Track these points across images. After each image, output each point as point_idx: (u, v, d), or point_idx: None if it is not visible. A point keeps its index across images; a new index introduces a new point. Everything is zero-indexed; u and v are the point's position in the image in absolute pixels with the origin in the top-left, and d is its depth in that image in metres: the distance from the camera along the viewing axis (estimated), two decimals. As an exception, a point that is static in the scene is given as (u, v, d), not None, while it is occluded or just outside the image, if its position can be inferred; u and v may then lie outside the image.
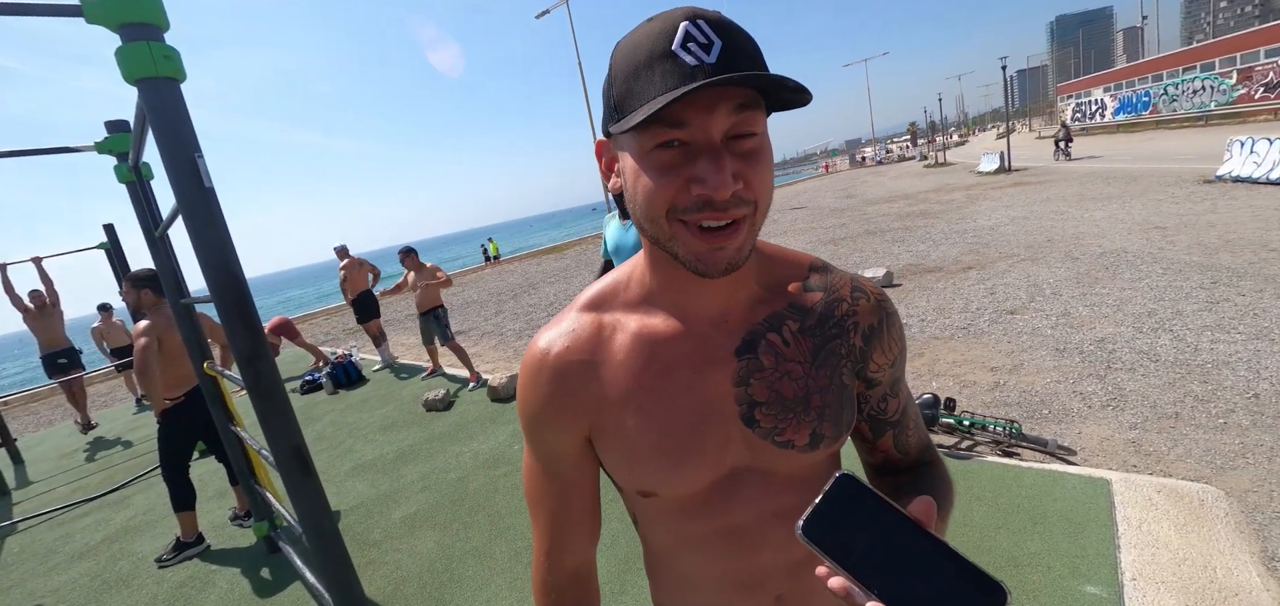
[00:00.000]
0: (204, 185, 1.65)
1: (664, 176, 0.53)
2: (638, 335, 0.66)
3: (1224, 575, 2.03)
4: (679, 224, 0.54)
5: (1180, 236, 7.09)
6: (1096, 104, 37.84)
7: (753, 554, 0.68)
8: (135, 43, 1.55)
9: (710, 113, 0.50)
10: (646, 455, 0.65)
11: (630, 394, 0.65)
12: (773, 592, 0.70)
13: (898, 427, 0.72)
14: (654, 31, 0.52)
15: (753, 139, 0.53)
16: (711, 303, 0.64)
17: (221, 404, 3.09)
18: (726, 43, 0.50)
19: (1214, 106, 26.61)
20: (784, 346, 0.65)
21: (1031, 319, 5.19)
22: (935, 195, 16.58)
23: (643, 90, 0.51)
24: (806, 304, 0.67)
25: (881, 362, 0.69)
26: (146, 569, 3.54)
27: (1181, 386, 3.57)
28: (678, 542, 0.71)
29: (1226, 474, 2.73)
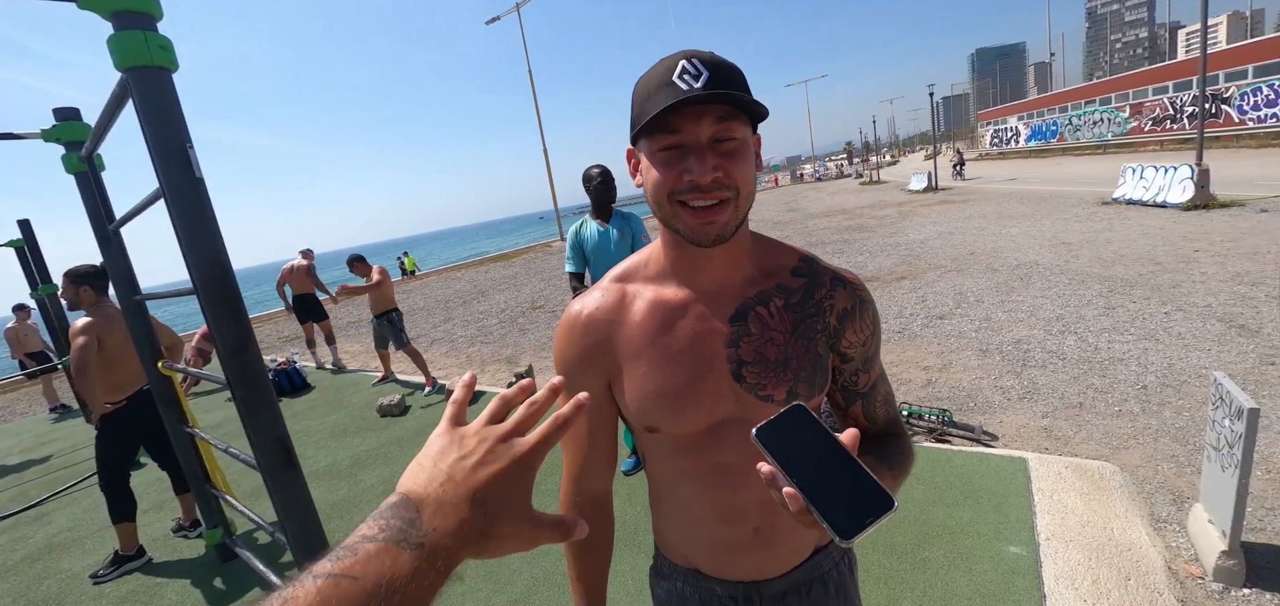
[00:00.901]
0: (195, 175, 1.67)
1: (666, 169, 0.71)
2: (652, 302, 0.83)
3: (1119, 534, 2.37)
4: (678, 204, 0.72)
5: (1083, 251, 7.90)
6: (1012, 130, 41.10)
7: (736, 490, 0.84)
8: (129, 31, 1.56)
9: (697, 122, 0.69)
10: (653, 396, 0.81)
11: (643, 348, 0.82)
12: (752, 524, 0.86)
13: (866, 399, 0.88)
14: (662, 68, 0.70)
15: (732, 142, 0.71)
16: (711, 278, 0.82)
17: (174, 405, 2.98)
18: (712, 74, 0.68)
19: (1111, 136, 29.50)
20: (769, 318, 0.81)
21: (958, 323, 5.68)
22: (870, 211, 17.57)
23: (651, 108, 0.69)
24: (792, 286, 0.84)
25: (853, 340, 0.85)
26: (79, 586, 3.33)
27: (1084, 380, 4.04)
28: (676, 475, 0.87)
29: (1121, 452, 3.14)
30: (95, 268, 3.25)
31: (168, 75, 1.65)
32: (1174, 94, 25.14)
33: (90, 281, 3.22)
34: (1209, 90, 21.72)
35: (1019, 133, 39.86)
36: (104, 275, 3.23)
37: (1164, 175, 10.93)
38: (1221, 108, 22.05)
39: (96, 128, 2.23)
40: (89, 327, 3.13)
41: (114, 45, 1.57)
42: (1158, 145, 25.46)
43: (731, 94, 0.67)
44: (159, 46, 1.60)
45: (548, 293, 12.05)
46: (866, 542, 2.47)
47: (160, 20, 1.64)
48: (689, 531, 0.91)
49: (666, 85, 0.69)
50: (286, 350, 9.66)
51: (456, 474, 0.46)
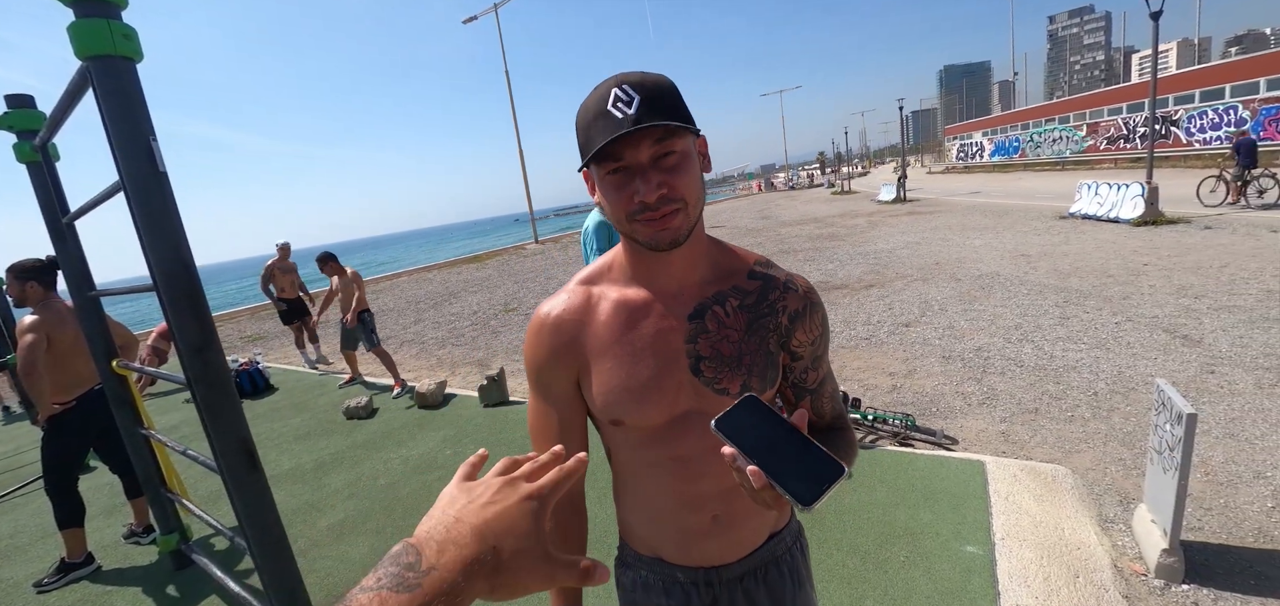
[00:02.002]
0: (158, 168, 1.63)
1: (617, 192, 0.76)
2: (617, 302, 0.88)
3: (1070, 534, 2.48)
4: (635, 222, 0.76)
5: (1041, 263, 8.21)
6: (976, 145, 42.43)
7: (696, 480, 0.89)
8: (92, 19, 1.52)
9: (636, 148, 0.73)
10: (618, 390, 0.85)
11: (608, 345, 0.86)
12: (711, 512, 0.91)
13: (815, 395, 0.95)
14: (595, 98, 0.74)
15: (672, 156, 0.75)
16: (671, 279, 0.87)
17: (129, 405, 2.88)
18: (643, 97, 0.72)
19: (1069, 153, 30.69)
20: (725, 316, 0.87)
21: (923, 331, 5.84)
22: (841, 220, 17.94)
23: (592, 139, 0.74)
24: (747, 288, 0.89)
25: (803, 340, 0.91)
26: (23, 594, 3.18)
27: (1040, 387, 4.20)
28: (639, 466, 0.92)
29: (1072, 455, 3.28)
30: (41, 262, 3.12)
31: (131, 65, 1.60)
32: (1127, 115, 26.31)
33: (37, 277, 3.09)
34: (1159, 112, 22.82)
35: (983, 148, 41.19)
36: (52, 270, 3.10)
37: (1117, 192, 11.44)
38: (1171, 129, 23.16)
39: (52, 116, 2.15)
40: (37, 325, 3.01)
41: (75, 33, 1.53)
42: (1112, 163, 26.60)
43: (661, 125, 0.71)
44: (123, 35, 1.56)
45: (521, 295, 11.96)
46: (830, 542, 2.53)
47: (125, 9, 1.60)
48: (652, 521, 0.95)
49: (602, 115, 0.73)
50: (249, 350, 9.39)
51: (465, 514, 0.47)
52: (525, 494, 0.50)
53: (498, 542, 0.46)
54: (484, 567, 0.45)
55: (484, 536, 0.46)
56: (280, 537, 2.02)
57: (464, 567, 0.44)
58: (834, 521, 2.68)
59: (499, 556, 0.46)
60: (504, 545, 0.47)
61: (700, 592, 0.96)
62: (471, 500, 0.49)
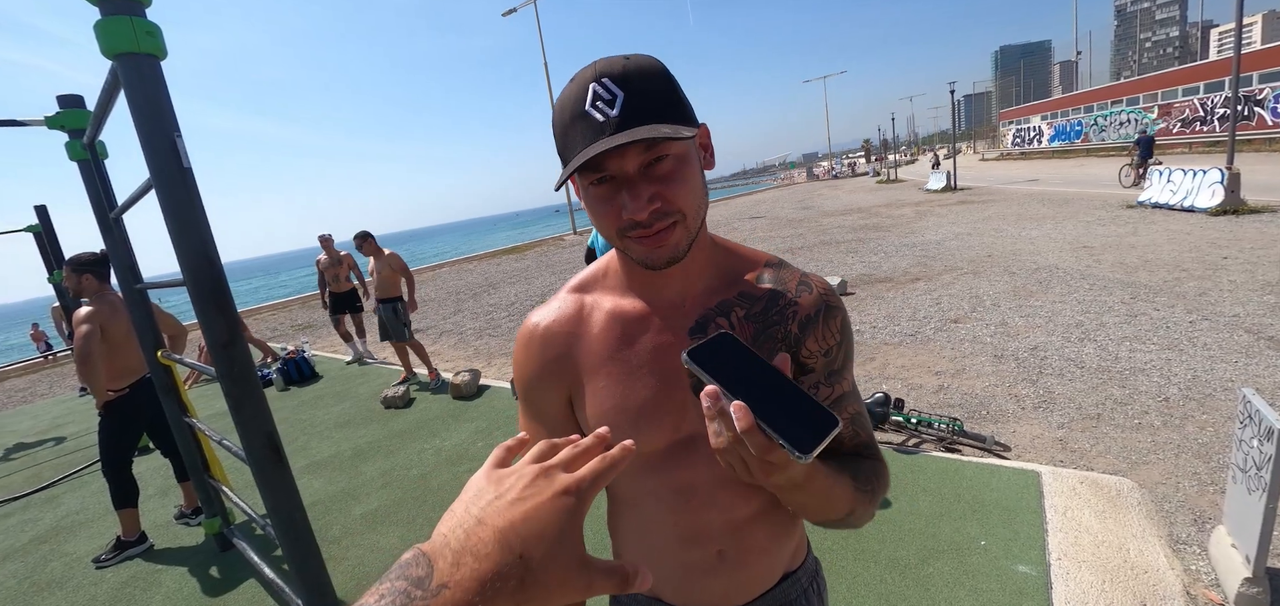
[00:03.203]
0: (182, 165, 1.64)
1: (603, 206, 0.66)
2: (611, 314, 0.79)
3: (1136, 555, 2.26)
4: (627, 239, 0.67)
5: (1105, 255, 7.68)
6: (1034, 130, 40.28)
7: (700, 511, 0.79)
8: (116, 16, 1.53)
9: (621, 157, 0.62)
10: (611, 413, 0.76)
11: (602, 361, 0.77)
12: (715, 547, 0.81)
13: None
14: (572, 95, 0.63)
15: (665, 162, 0.64)
16: (671, 289, 0.77)
17: (174, 394, 2.99)
18: (628, 93, 0.61)
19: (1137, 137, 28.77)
20: (730, 329, 0.76)
21: (973, 327, 5.54)
22: (886, 210, 17.31)
23: (570, 145, 0.63)
24: (756, 294, 0.78)
25: (814, 350, 0.78)
26: (82, 569, 3.37)
27: (1103, 391, 3.90)
28: (637, 495, 0.83)
29: (1140, 468, 3.02)
30: (96, 255, 3.26)
31: (155, 62, 1.61)
32: (1205, 95, 24.41)
33: (92, 269, 3.23)
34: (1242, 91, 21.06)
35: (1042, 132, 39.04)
36: (105, 263, 3.24)
37: (1192, 178, 10.60)
38: (1254, 110, 21.36)
39: (94, 115, 2.22)
40: (92, 316, 3.14)
41: (101, 31, 1.54)
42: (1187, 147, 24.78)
43: (649, 135, 0.59)
44: (146, 33, 1.57)
45: (558, 286, 11.93)
46: (867, 554, 2.39)
47: (149, 6, 1.61)
48: (649, 554, 0.85)
49: (580, 116, 0.62)
50: (297, 338, 9.76)
51: (488, 515, 0.41)
52: (561, 487, 0.43)
53: (526, 549, 0.40)
54: (508, 582, 0.38)
55: (509, 543, 0.39)
56: (305, 528, 2.04)
57: (482, 584, 0.37)
58: (872, 531, 2.53)
59: (527, 565, 0.39)
60: (533, 552, 0.40)
61: None
62: (499, 495, 0.43)
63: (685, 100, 0.68)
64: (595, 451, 0.48)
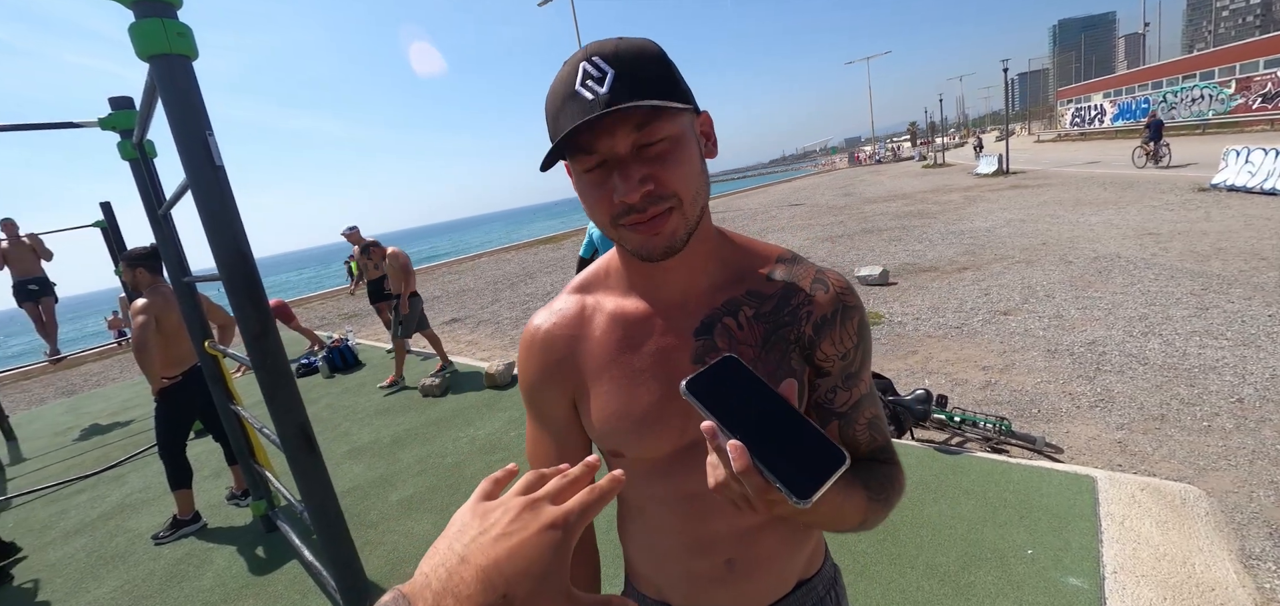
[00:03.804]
0: (214, 163, 1.67)
1: (596, 192, 0.63)
2: (613, 315, 0.75)
3: (1202, 571, 2.09)
4: (621, 227, 0.64)
5: (1173, 243, 7.17)
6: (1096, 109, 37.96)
7: (707, 519, 0.76)
8: (149, 19, 1.57)
9: (612, 135, 0.59)
10: (614, 419, 0.73)
11: (604, 365, 0.74)
12: (724, 556, 0.77)
13: (845, 420, 0.75)
14: (563, 77, 0.61)
15: (661, 144, 0.60)
16: (674, 287, 0.73)
17: (221, 383, 3.12)
18: (618, 71, 0.58)
19: (1212, 115, 26.75)
20: (737, 330, 0.71)
21: (1024, 320, 5.26)
22: (933, 196, 16.65)
23: (560, 128, 0.60)
24: (766, 292, 0.73)
25: (830, 353, 0.73)
26: (143, 545, 3.57)
27: (1168, 389, 3.64)
28: (643, 503, 0.80)
29: (1208, 475, 2.79)
30: (147, 250, 3.42)
31: (187, 63, 1.65)
32: (1291, 67, 22.48)
33: (144, 263, 3.39)
34: (1335, 62, 19.25)
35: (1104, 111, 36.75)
36: (157, 257, 3.39)
37: (1274, 159, 9.78)
38: (1349, 82, 19.53)
39: (139, 116, 2.30)
40: (147, 307, 3.30)
41: (135, 33, 1.58)
42: (1268, 125, 22.89)
43: (637, 105, 0.56)
44: (177, 34, 1.60)
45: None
46: (904, 559, 2.29)
47: (180, 7, 1.64)
48: (658, 562, 0.83)
49: (570, 97, 0.59)
50: (343, 327, 10.11)
51: (471, 553, 0.40)
52: (547, 521, 0.42)
53: (510, 588, 0.38)
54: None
55: (492, 582, 0.38)
56: (336, 514, 2.08)
57: None
58: (909, 535, 2.43)
59: (509, 604, 0.38)
60: (517, 590, 0.39)
61: None
62: (484, 530, 0.41)
63: (682, 82, 0.64)
64: (584, 482, 0.47)
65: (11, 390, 10.87)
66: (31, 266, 7.41)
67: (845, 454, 0.48)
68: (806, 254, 2.60)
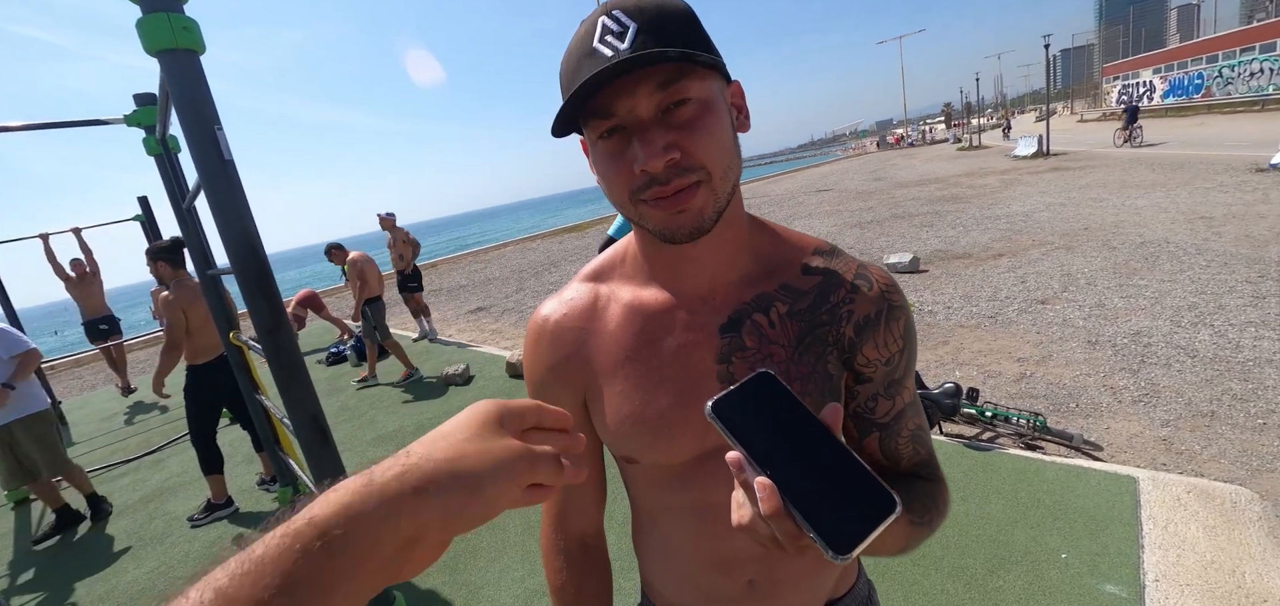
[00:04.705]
0: (223, 157, 1.68)
1: (613, 163, 0.56)
2: (630, 306, 0.68)
3: (1254, 580, 1.96)
4: (642, 204, 0.56)
5: (1227, 227, 6.76)
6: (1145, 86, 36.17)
7: (729, 535, 0.68)
8: (154, 14, 1.57)
9: (632, 95, 0.53)
10: (628, 421, 0.66)
11: (618, 362, 0.67)
12: (746, 576, 0.70)
13: (886, 432, 0.69)
14: (581, 33, 0.55)
15: (688, 105, 0.54)
16: (699, 278, 0.65)
17: (247, 372, 3.18)
18: (640, 24, 0.52)
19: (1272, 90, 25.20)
20: (769, 328, 0.64)
21: (1063, 309, 5.03)
22: (967, 179, 16.10)
23: (574, 88, 0.53)
24: (802, 287, 0.66)
25: (872, 358, 0.66)
26: (180, 528, 3.70)
27: (1219, 384, 3.42)
28: (659, 512, 0.74)
29: (1262, 476, 2.62)
30: (167, 243, 3.49)
31: (194, 57, 1.65)
32: (1363, 36, 20.99)
33: (164, 256, 3.46)
34: None
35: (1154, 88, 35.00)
36: (176, 250, 3.46)
37: (1343, 135, 9.14)
38: None
39: (159, 111, 2.34)
40: (174, 304, 3.36)
41: (142, 29, 1.59)
42: (1337, 99, 21.47)
43: (662, 55, 0.50)
44: (183, 28, 1.60)
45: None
46: (928, 560, 2.20)
47: (187, 2, 1.64)
48: (674, 577, 0.76)
49: (587, 56, 0.53)
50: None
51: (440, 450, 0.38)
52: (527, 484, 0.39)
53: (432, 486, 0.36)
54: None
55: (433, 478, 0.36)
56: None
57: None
58: (934, 536, 2.33)
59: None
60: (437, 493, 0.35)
61: None
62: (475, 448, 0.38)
63: (711, 42, 0.57)
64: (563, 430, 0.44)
65: (65, 376, 11.43)
66: (99, 303, 7.55)
67: (896, 500, 0.41)
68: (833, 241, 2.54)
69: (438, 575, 2.70)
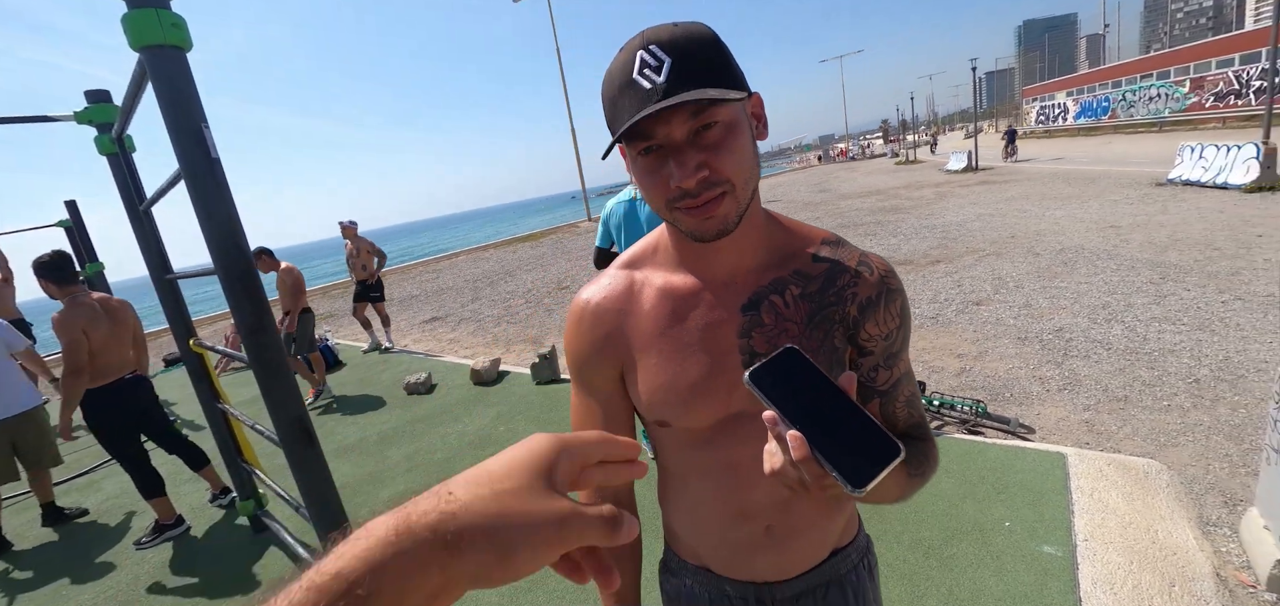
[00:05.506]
0: (210, 155, 1.67)
1: (652, 176, 0.66)
2: (662, 290, 0.78)
3: (1164, 537, 2.23)
4: (677, 210, 0.66)
5: (1133, 235, 7.49)
6: (1059, 107, 39.20)
7: (749, 488, 0.79)
8: (142, 9, 1.56)
9: (668, 123, 0.62)
10: (663, 390, 0.76)
11: (653, 338, 0.77)
12: (764, 523, 0.81)
13: (885, 398, 0.80)
14: (621, 63, 0.63)
15: (714, 129, 0.63)
16: (723, 266, 0.76)
17: (206, 380, 3.07)
18: (675, 59, 0.61)
19: (1168, 113, 27.87)
20: (784, 307, 0.75)
21: (995, 309, 5.45)
22: (906, 192, 17.03)
23: (618, 114, 0.63)
24: (812, 273, 0.77)
25: (873, 333, 0.77)
26: (125, 551, 3.49)
27: (1131, 372, 3.82)
28: (687, 470, 0.83)
29: (1168, 449, 2.96)
30: (49, 258, 3.11)
31: (181, 54, 1.64)
32: (1240, 67, 23.52)
33: (49, 275, 3.09)
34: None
35: (1067, 109, 38.00)
36: (59, 266, 3.10)
37: (1225, 154, 10.26)
38: (1293, 81, 20.55)
39: (122, 108, 2.27)
40: (70, 325, 3.00)
41: (128, 24, 1.57)
42: (1220, 123, 23.95)
43: (696, 98, 0.59)
44: (171, 25, 1.59)
45: (574, 273, 12.06)
46: (889, 535, 2.39)
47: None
48: (699, 528, 0.87)
49: (628, 85, 0.62)
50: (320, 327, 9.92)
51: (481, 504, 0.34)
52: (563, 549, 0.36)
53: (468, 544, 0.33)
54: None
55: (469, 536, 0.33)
56: (338, 510, 2.09)
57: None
58: (894, 512, 2.53)
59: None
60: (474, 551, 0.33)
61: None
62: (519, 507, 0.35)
63: (736, 67, 0.67)
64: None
65: None
66: (9, 308, 6.79)
67: (900, 446, 0.50)
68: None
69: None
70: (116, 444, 3.34)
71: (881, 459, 0.49)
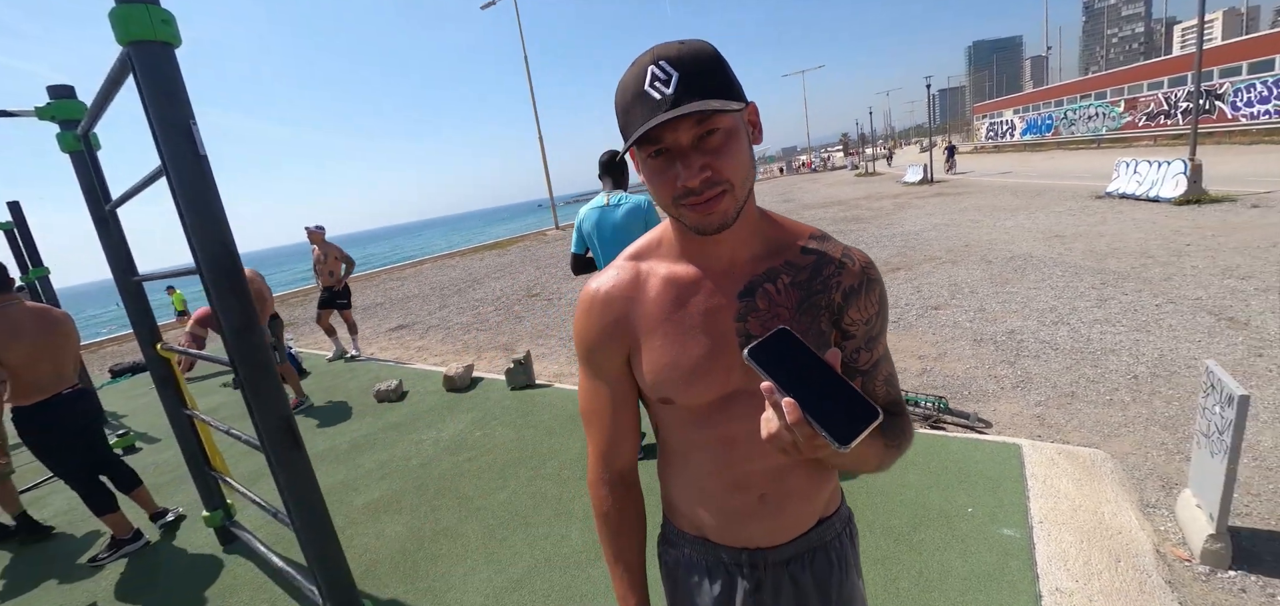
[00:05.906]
0: (198, 152, 1.66)
1: (660, 176, 0.74)
2: (666, 279, 0.86)
3: (1110, 518, 2.41)
4: (682, 207, 0.74)
5: (1076, 244, 7.96)
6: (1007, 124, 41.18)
7: (744, 460, 0.87)
8: (131, 4, 1.55)
9: (676, 130, 0.70)
10: (666, 369, 0.84)
11: (658, 322, 0.85)
12: (758, 491, 0.89)
13: (866, 377, 0.90)
14: (633, 76, 0.71)
15: (716, 135, 0.71)
16: (721, 257, 0.84)
17: (174, 387, 2.98)
18: (682, 73, 0.69)
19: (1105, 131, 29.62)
20: (776, 294, 0.84)
21: (953, 314, 5.72)
22: (866, 202, 17.62)
23: (631, 122, 0.71)
24: (801, 263, 0.86)
25: (856, 319, 0.87)
26: (80, 569, 3.32)
27: (1077, 370, 4.09)
28: (688, 446, 0.91)
29: (1111, 440, 3.19)
30: None
31: (170, 50, 1.63)
32: (1169, 89, 25.24)
33: None
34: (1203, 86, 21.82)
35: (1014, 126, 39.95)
36: None
37: (1157, 170, 11.01)
38: (1215, 104, 22.16)
39: (94, 104, 2.21)
40: None
41: (116, 18, 1.56)
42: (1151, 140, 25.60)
43: (700, 108, 0.67)
44: (161, 20, 1.59)
45: (543, 280, 12.03)
46: (862, 523, 2.51)
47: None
48: (698, 499, 0.94)
49: (640, 96, 0.70)
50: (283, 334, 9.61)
51: None
52: None
53: None
54: None
55: None
56: (323, 513, 2.08)
57: None
58: (865, 502, 2.65)
59: None
60: None
61: (744, 574, 0.94)
62: None
63: (735, 80, 0.75)
64: None
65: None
66: None
67: (879, 410, 0.58)
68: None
69: (399, 583, 2.67)
70: (58, 462, 3.15)
71: (863, 419, 0.58)
